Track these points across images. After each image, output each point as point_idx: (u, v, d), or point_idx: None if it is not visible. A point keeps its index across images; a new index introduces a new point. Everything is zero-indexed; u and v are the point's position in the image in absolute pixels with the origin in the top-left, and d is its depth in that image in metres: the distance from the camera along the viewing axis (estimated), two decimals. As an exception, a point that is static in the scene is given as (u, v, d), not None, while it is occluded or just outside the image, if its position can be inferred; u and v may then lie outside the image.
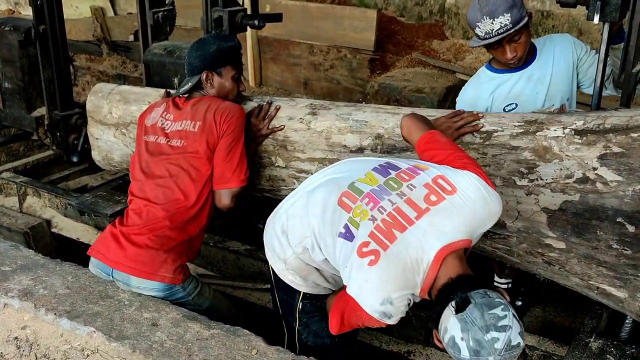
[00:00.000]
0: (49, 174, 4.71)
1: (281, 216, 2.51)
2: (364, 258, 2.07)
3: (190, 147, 2.87)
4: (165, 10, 4.09)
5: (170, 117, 2.99)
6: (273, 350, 2.40)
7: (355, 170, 2.36)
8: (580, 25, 7.30)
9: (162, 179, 2.85)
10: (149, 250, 2.74)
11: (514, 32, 2.80)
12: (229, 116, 2.87)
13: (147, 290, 2.74)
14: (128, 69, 8.38)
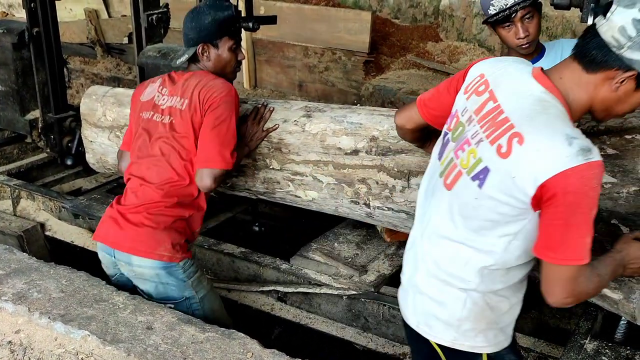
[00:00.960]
0: (42, 177, 4.70)
1: (423, 264, 2.10)
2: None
3: (178, 126, 2.80)
4: (159, 12, 4.08)
5: (166, 91, 2.91)
6: (268, 353, 2.39)
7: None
8: (574, 27, 7.31)
9: (156, 158, 2.81)
10: (147, 229, 2.72)
11: (528, 10, 2.82)
12: (214, 94, 2.76)
13: (148, 268, 2.73)
14: (122, 71, 8.37)
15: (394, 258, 3.31)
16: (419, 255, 2.11)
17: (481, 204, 1.87)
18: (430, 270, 2.05)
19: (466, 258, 1.95)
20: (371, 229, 3.49)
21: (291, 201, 3.26)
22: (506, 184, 1.80)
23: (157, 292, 2.79)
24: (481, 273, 1.94)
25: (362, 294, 3.12)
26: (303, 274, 3.27)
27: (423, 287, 2.08)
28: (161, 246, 2.72)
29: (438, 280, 2.02)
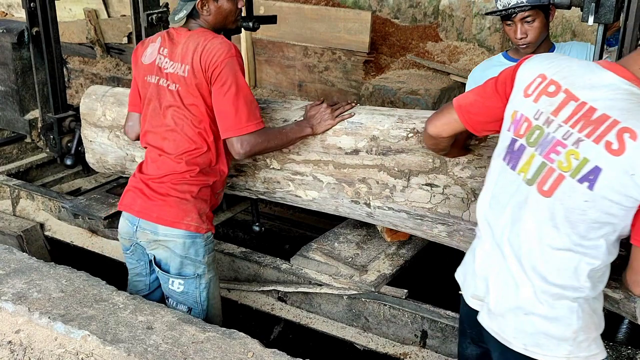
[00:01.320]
0: (42, 177, 4.70)
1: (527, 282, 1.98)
2: None
3: (185, 94, 2.72)
4: (159, 12, 4.07)
5: (166, 52, 2.80)
6: (269, 352, 2.39)
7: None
8: (574, 27, 7.31)
9: (170, 128, 2.77)
10: (173, 199, 2.74)
11: (528, 12, 2.86)
12: (214, 57, 2.64)
13: (174, 237, 2.75)
14: (122, 71, 8.36)
15: (395, 258, 3.31)
16: (513, 275, 1.98)
17: (592, 206, 1.81)
18: (538, 288, 1.94)
19: (574, 264, 1.89)
20: (371, 228, 3.48)
21: (291, 201, 3.26)
22: (622, 182, 1.76)
23: (173, 264, 2.80)
24: (590, 277, 1.89)
25: (363, 294, 3.11)
26: (303, 274, 3.26)
27: (530, 307, 1.96)
28: (188, 216, 2.74)
29: (549, 295, 1.93)
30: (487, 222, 2.11)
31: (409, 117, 2.87)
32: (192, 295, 2.86)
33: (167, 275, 2.84)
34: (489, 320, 2.09)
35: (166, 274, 2.84)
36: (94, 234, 3.91)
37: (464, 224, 2.72)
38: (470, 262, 2.21)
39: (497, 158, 2.10)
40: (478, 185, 2.65)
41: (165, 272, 2.84)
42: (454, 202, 2.72)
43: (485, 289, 2.10)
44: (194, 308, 2.87)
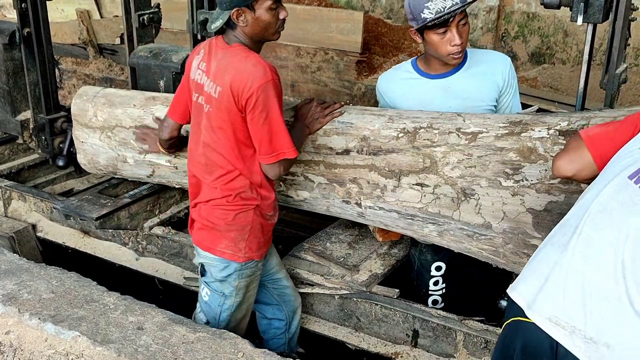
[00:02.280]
0: (34, 178, 4.67)
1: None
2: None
3: (215, 117, 2.63)
4: (150, 12, 4.07)
5: (204, 66, 2.68)
6: (259, 353, 2.40)
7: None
8: (566, 27, 7.33)
9: (202, 154, 2.71)
10: (208, 225, 2.73)
11: (464, 14, 2.67)
12: (248, 85, 2.49)
13: (210, 259, 2.75)
14: (114, 71, 8.33)
15: (386, 257, 3.31)
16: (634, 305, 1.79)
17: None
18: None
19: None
20: (363, 228, 3.49)
21: (283, 201, 3.25)
22: None
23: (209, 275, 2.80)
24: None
25: (354, 294, 3.12)
26: (295, 274, 3.26)
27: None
28: (222, 243, 2.71)
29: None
30: (589, 237, 1.90)
31: (400, 117, 2.88)
32: (213, 309, 2.84)
33: (203, 278, 2.85)
34: (586, 348, 1.84)
35: (202, 277, 2.85)
36: (86, 235, 3.91)
37: (454, 224, 2.73)
38: (550, 280, 1.94)
39: (618, 174, 1.94)
40: (468, 185, 2.66)
41: (203, 276, 2.84)
42: (445, 201, 2.73)
43: (580, 314, 1.85)
44: (211, 323, 2.85)
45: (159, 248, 3.69)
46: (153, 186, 3.86)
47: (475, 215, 2.68)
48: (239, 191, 2.68)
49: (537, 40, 7.62)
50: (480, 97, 2.87)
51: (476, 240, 2.72)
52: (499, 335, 2.12)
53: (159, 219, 3.84)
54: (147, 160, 3.56)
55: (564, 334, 1.86)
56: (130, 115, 3.55)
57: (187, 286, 3.51)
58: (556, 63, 7.47)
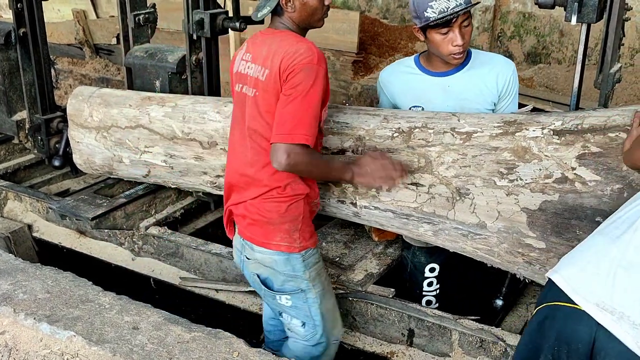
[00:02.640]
0: (30, 178, 4.67)
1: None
2: None
3: (262, 101, 2.51)
4: (146, 12, 4.07)
5: (249, 57, 2.60)
6: (254, 352, 2.40)
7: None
8: (562, 27, 7.35)
9: (253, 140, 2.58)
10: (261, 219, 2.60)
11: (467, 15, 2.69)
12: (295, 61, 2.41)
13: (267, 256, 2.62)
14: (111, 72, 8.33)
15: (382, 257, 3.32)
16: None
17: None
18: None
19: None
20: (359, 228, 3.49)
21: (278, 201, 3.26)
22: None
23: (276, 280, 2.67)
24: None
25: (350, 293, 3.12)
26: (291, 274, 3.26)
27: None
28: (277, 236, 2.59)
29: None
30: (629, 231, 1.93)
31: (395, 116, 2.88)
32: (302, 309, 2.72)
33: (272, 292, 2.71)
34: (634, 334, 1.85)
35: (270, 291, 2.71)
36: (82, 235, 3.90)
37: (449, 223, 2.73)
38: (600, 267, 1.95)
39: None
40: (462, 184, 2.66)
41: (269, 289, 2.71)
42: (440, 201, 2.73)
43: (629, 301, 1.87)
44: (306, 322, 2.75)
45: (155, 248, 3.70)
46: (149, 186, 3.87)
47: (470, 214, 2.68)
48: (287, 181, 2.56)
49: (533, 40, 7.63)
50: (478, 99, 2.88)
51: (471, 240, 2.72)
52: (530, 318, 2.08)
53: (155, 219, 3.84)
54: (142, 160, 3.57)
55: (611, 319, 1.86)
56: (126, 116, 3.55)
57: (183, 286, 3.52)
58: (552, 63, 7.49)
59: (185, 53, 3.83)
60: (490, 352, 2.83)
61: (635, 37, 7.02)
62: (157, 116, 3.46)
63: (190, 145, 3.38)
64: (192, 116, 3.36)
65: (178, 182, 3.57)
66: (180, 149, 3.41)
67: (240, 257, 2.76)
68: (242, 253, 2.73)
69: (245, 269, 2.77)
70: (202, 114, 3.34)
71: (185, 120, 3.37)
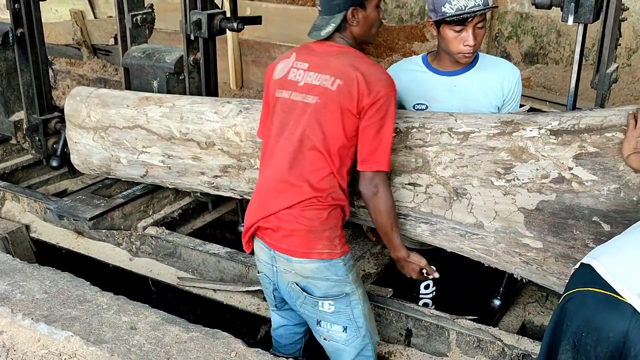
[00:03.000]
0: (28, 179, 4.67)
1: None
2: None
3: (324, 109, 2.49)
4: (144, 13, 4.07)
5: (304, 65, 2.57)
6: (252, 352, 2.41)
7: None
8: (559, 27, 7.36)
9: (301, 147, 2.53)
10: (301, 229, 2.53)
11: (483, 16, 2.69)
12: (379, 88, 2.44)
13: (308, 266, 2.56)
14: (109, 72, 8.33)
15: (379, 257, 3.33)
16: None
17: None
18: None
19: None
20: (357, 228, 3.49)
21: (276, 201, 3.26)
22: None
23: (320, 286, 2.60)
24: None
25: (347, 293, 3.12)
26: (288, 274, 3.27)
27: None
28: (319, 244, 2.55)
29: None
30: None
31: (392, 117, 2.88)
32: (344, 313, 2.65)
33: (314, 298, 2.62)
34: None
35: (312, 298, 2.62)
36: (80, 236, 3.90)
37: (446, 223, 2.74)
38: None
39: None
40: (460, 184, 2.67)
41: (311, 295, 2.62)
42: (437, 201, 2.74)
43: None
44: (348, 327, 2.68)
45: (152, 248, 3.70)
46: (147, 186, 3.87)
47: (468, 214, 2.69)
48: (330, 191, 2.55)
49: (530, 40, 7.64)
50: (482, 101, 2.87)
51: (468, 240, 2.73)
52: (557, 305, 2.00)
53: (153, 219, 3.84)
54: (140, 160, 3.57)
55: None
56: (124, 116, 3.56)
57: (181, 286, 3.52)
58: (549, 63, 7.50)
59: (182, 53, 3.83)
60: (488, 351, 2.83)
61: (632, 38, 7.03)
62: (155, 116, 3.46)
63: (188, 146, 3.38)
64: (190, 116, 3.36)
65: (176, 182, 3.58)
66: (177, 149, 3.42)
67: (272, 270, 2.66)
68: (273, 265, 2.64)
69: (280, 280, 2.66)
70: (200, 114, 3.34)
71: (182, 120, 3.38)
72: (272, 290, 2.74)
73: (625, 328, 1.81)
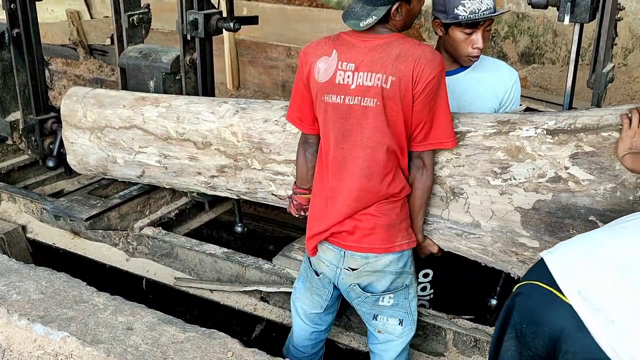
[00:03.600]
0: (24, 179, 4.67)
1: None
2: None
3: (389, 110, 2.40)
4: (140, 13, 4.07)
5: (351, 66, 2.44)
6: (249, 352, 2.40)
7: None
8: (555, 27, 7.37)
9: (368, 154, 2.46)
10: (381, 225, 2.51)
11: (492, 20, 2.69)
12: (429, 71, 2.36)
13: (384, 261, 2.53)
14: (105, 72, 8.34)
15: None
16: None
17: None
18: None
19: None
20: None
21: (273, 201, 3.26)
22: None
23: (384, 282, 2.59)
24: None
25: (344, 293, 3.12)
26: (285, 274, 3.27)
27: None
28: (399, 236, 2.55)
29: None
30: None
31: (389, 116, 2.88)
32: (402, 306, 2.67)
33: (375, 295, 2.62)
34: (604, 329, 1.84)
35: (373, 295, 2.62)
36: (76, 236, 3.90)
37: (443, 223, 2.74)
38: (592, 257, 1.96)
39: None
40: (456, 184, 2.67)
41: (372, 294, 2.62)
42: (433, 200, 2.73)
43: (610, 296, 1.86)
44: (404, 319, 2.69)
45: (149, 249, 3.69)
46: (143, 187, 3.86)
47: (464, 214, 2.69)
48: (401, 186, 2.53)
49: (526, 40, 7.65)
50: (476, 103, 2.85)
51: (465, 239, 2.73)
52: (511, 295, 2.07)
53: (150, 219, 3.84)
54: (137, 160, 3.57)
55: (589, 310, 1.84)
56: (120, 116, 3.55)
57: (178, 287, 3.51)
58: (546, 63, 7.51)
59: (179, 53, 3.83)
60: (485, 351, 2.84)
61: (629, 37, 7.04)
62: (151, 116, 3.46)
63: (185, 146, 3.38)
64: (187, 116, 3.36)
65: (172, 182, 3.57)
66: (174, 149, 3.41)
67: (336, 272, 2.62)
68: (338, 267, 2.60)
69: (340, 282, 2.64)
70: (197, 114, 3.34)
71: (179, 120, 3.37)
72: (332, 290, 2.72)
73: (562, 325, 1.87)
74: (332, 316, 2.90)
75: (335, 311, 2.88)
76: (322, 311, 2.82)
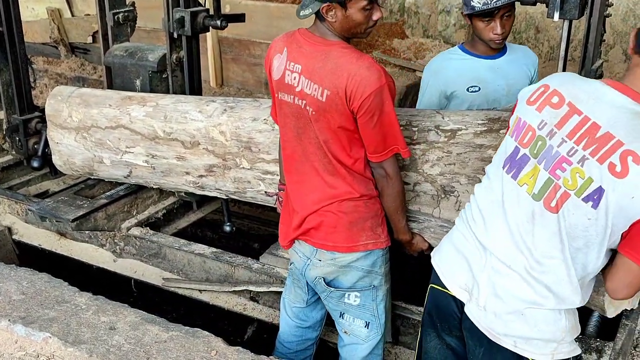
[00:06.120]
0: (8, 180, 4.60)
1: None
2: None
3: (323, 118, 2.42)
4: (125, 11, 4.03)
5: (297, 68, 2.44)
6: (233, 350, 2.38)
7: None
8: (537, 23, 7.40)
9: (323, 150, 2.48)
10: (343, 222, 2.52)
11: (509, 7, 2.96)
12: (363, 90, 2.31)
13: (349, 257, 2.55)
14: (87, 71, 8.27)
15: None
16: (513, 279, 2.07)
17: (594, 223, 1.88)
18: (539, 294, 2.04)
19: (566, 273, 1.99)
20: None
21: (263, 200, 3.25)
22: (622, 204, 1.81)
23: (350, 278, 2.60)
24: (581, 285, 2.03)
25: (335, 292, 3.11)
26: (275, 273, 3.26)
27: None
28: (362, 236, 2.55)
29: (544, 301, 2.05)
30: (477, 221, 2.18)
31: (379, 114, 2.87)
32: (369, 308, 2.67)
33: (341, 290, 2.64)
34: (477, 315, 2.15)
35: (338, 290, 2.64)
36: (63, 237, 3.86)
37: (434, 221, 2.74)
38: (454, 253, 2.26)
39: (496, 164, 2.16)
40: (447, 182, 2.67)
41: (337, 289, 2.64)
42: (425, 199, 2.73)
43: (474, 285, 2.17)
44: (370, 322, 2.69)
45: (137, 249, 3.66)
46: (130, 186, 3.83)
47: (455, 212, 2.68)
48: (362, 188, 2.54)
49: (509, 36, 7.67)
50: (523, 81, 3.18)
51: (456, 237, 2.73)
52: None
53: (137, 219, 3.81)
54: (124, 160, 3.54)
55: (467, 299, 2.18)
56: (106, 116, 3.52)
57: (167, 287, 3.49)
58: (529, 59, 7.53)
59: (165, 52, 3.80)
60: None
61: (610, 33, 7.09)
62: (138, 116, 3.43)
63: (172, 145, 3.35)
64: (174, 116, 3.34)
65: (160, 182, 3.55)
66: (162, 149, 3.39)
67: (306, 262, 2.64)
68: (309, 258, 2.63)
69: (307, 274, 2.66)
70: (184, 114, 3.31)
71: (166, 119, 3.35)
72: (306, 283, 2.74)
73: (459, 314, 2.25)
74: (320, 314, 2.89)
75: (323, 309, 2.87)
76: (305, 305, 2.83)
